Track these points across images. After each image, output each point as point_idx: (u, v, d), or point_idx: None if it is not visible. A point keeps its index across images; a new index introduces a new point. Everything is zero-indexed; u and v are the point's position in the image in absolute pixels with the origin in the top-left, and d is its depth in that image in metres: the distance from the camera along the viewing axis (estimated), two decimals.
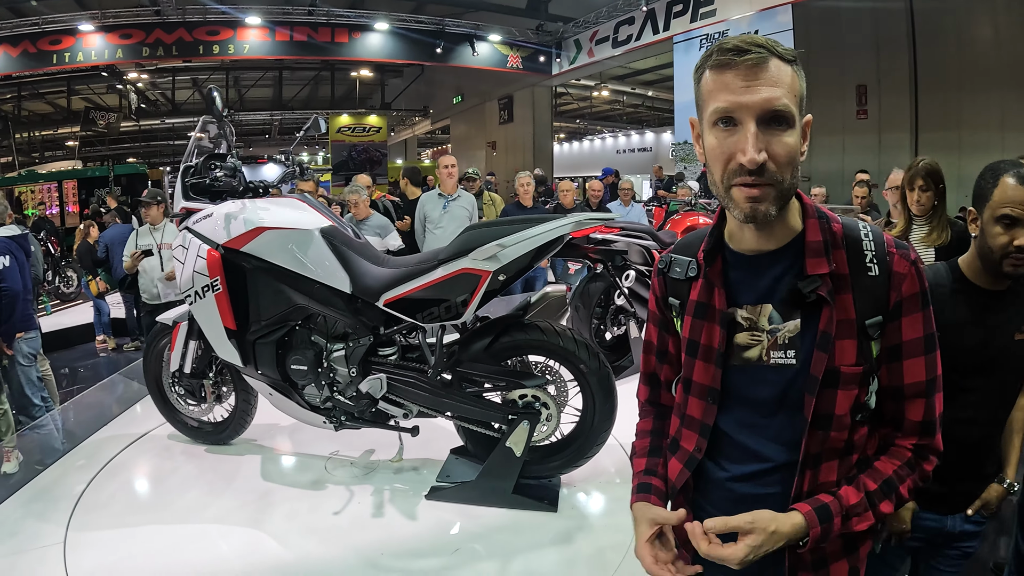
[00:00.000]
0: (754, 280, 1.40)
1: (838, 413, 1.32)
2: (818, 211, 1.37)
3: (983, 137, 12.21)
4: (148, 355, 4.35)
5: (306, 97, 31.94)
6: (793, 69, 1.26)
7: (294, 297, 3.57)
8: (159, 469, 4.10)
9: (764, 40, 1.26)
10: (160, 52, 18.44)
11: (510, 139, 26.18)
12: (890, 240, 1.36)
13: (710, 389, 1.44)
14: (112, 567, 3.07)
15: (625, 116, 35.99)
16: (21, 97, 27.18)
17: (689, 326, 1.48)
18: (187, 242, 3.77)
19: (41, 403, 5.64)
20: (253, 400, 4.18)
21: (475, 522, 3.38)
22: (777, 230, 1.35)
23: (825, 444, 1.34)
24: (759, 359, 1.39)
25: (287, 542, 3.27)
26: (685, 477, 1.51)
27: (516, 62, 21.90)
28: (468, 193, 7.42)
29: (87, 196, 20.55)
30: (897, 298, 1.33)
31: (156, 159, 36.52)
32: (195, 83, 30.02)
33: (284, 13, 18.93)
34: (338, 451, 4.16)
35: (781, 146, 1.25)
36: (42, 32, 17.20)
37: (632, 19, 18.57)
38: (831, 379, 1.31)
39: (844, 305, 1.32)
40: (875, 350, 1.35)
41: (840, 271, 1.32)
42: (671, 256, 1.55)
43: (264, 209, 3.62)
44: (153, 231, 6.82)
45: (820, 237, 1.34)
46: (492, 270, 3.21)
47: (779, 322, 1.36)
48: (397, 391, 3.55)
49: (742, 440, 1.43)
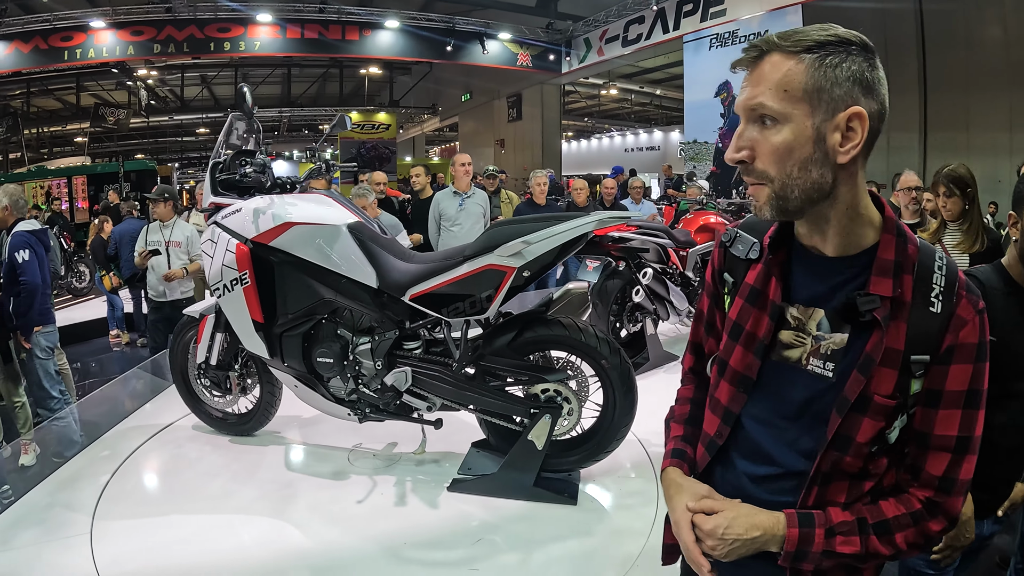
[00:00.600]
0: (813, 281, 1.35)
1: (858, 440, 1.27)
2: (899, 228, 1.29)
3: (992, 138, 12.21)
4: (174, 347, 4.40)
5: (314, 94, 32.00)
6: (799, 61, 1.18)
7: (321, 291, 3.62)
8: (183, 460, 4.13)
9: (780, 35, 1.23)
10: (171, 49, 18.54)
11: (518, 137, 26.23)
12: (963, 281, 1.27)
13: (743, 377, 1.41)
14: (138, 556, 3.10)
15: (633, 114, 36.01)
16: (30, 93, 27.28)
17: (739, 309, 1.44)
18: (216, 236, 3.82)
19: (59, 396, 5.70)
20: (277, 392, 4.23)
21: (496, 514, 3.41)
22: (831, 235, 1.29)
23: (838, 465, 1.30)
24: (798, 361, 1.35)
25: (310, 532, 3.30)
26: (707, 461, 1.50)
27: (526, 60, 21.96)
28: (482, 191, 7.46)
29: (97, 192, 20.63)
30: (951, 343, 1.24)
31: (165, 155, 36.68)
32: (204, 80, 30.13)
33: (295, 11, 19.00)
34: (360, 444, 4.18)
35: (765, 144, 1.22)
36: (53, 28, 17.31)
37: (642, 18, 18.62)
38: (861, 404, 1.26)
39: (896, 333, 1.24)
40: (914, 387, 1.26)
41: (902, 297, 1.25)
42: (736, 231, 1.50)
43: (292, 205, 3.67)
44: (163, 228, 6.81)
45: (893, 256, 1.26)
46: (517, 266, 3.25)
47: (827, 331, 1.31)
48: (421, 384, 3.59)
49: (757, 439, 1.41)
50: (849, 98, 1.18)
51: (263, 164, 3.98)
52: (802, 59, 1.18)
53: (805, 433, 1.34)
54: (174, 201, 6.95)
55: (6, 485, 4.14)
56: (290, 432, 4.44)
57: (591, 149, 36.64)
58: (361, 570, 3.04)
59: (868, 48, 1.21)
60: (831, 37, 1.19)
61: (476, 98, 28.42)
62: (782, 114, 1.19)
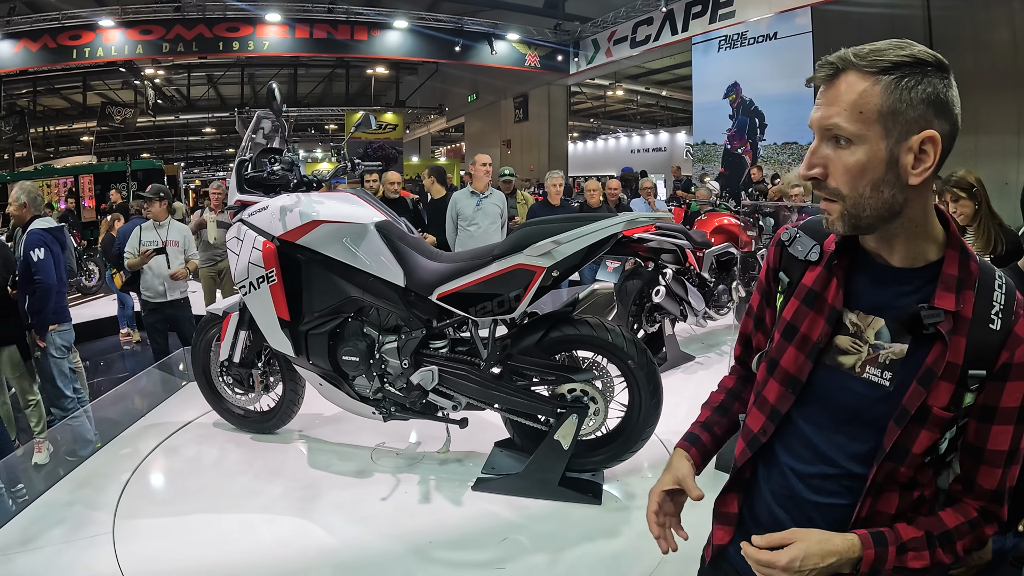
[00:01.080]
0: (876, 289, 1.35)
1: (915, 451, 1.28)
2: (962, 246, 1.30)
3: (1000, 142, 12.16)
4: (197, 344, 4.42)
5: (321, 94, 32.06)
6: (876, 82, 1.18)
7: (348, 289, 3.62)
8: (203, 458, 4.13)
9: (852, 51, 1.22)
10: (180, 48, 18.55)
11: (525, 137, 26.23)
12: (1021, 300, 1.29)
13: (793, 378, 1.42)
14: (162, 555, 3.10)
15: (639, 116, 36.00)
16: (37, 92, 27.34)
17: (794, 310, 1.44)
18: (242, 234, 3.83)
19: (73, 395, 5.69)
20: (300, 390, 4.24)
21: (521, 513, 3.41)
22: (897, 248, 1.31)
23: (892, 476, 1.31)
24: (852, 368, 1.35)
25: (334, 531, 3.30)
26: (746, 457, 1.51)
27: (534, 61, 21.96)
28: (499, 191, 7.47)
29: (104, 191, 20.64)
30: (1008, 360, 1.25)
31: (171, 155, 36.74)
32: (210, 80, 30.17)
33: (304, 11, 19.02)
34: (384, 443, 4.18)
35: (837, 163, 1.24)
36: (62, 27, 17.33)
37: (651, 19, 18.62)
38: (921, 416, 1.26)
39: (956, 347, 1.25)
40: (967, 400, 1.27)
41: (964, 313, 1.25)
42: (797, 232, 1.50)
43: (319, 203, 3.67)
44: (157, 228, 6.74)
45: (957, 272, 1.27)
46: (546, 266, 3.25)
47: (886, 340, 1.32)
48: (448, 383, 3.59)
49: (810, 436, 1.41)
50: (923, 120, 1.19)
51: (291, 162, 3.98)
52: (878, 80, 1.19)
53: (853, 440, 1.35)
54: (168, 200, 6.91)
55: (20, 484, 4.13)
56: (312, 430, 4.44)
57: (597, 150, 36.64)
58: (386, 570, 3.03)
59: (943, 68, 1.21)
60: (907, 58, 1.19)
61: (483, 98, 28.44)
62: (856, 135, 1.21)
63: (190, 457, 4.18)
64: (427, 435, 4.20)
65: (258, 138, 4.13)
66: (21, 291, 5.37)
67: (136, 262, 6.52)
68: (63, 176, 21.39)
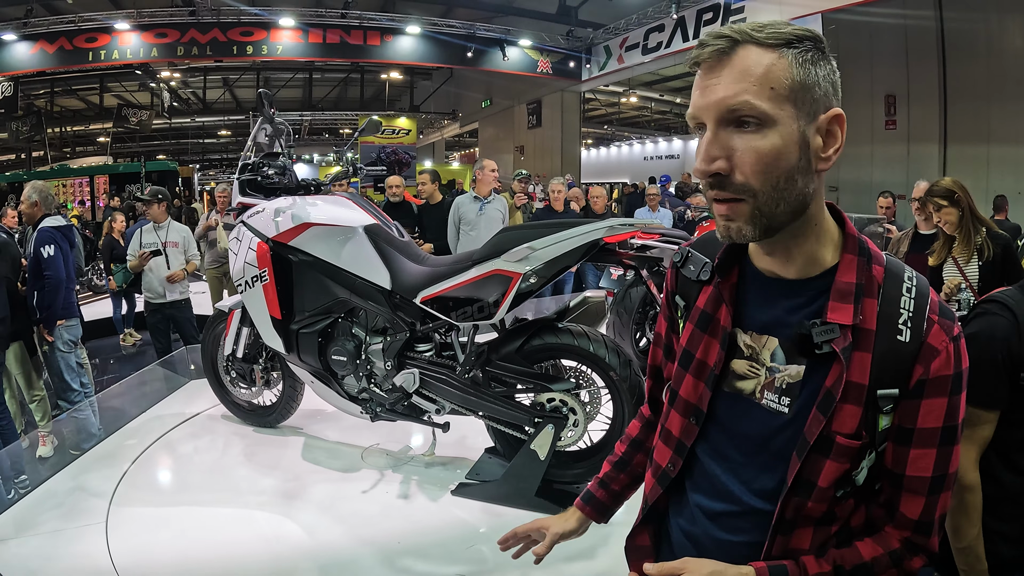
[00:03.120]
0: (766, 306, 1.21)
1: (821, 484, 1.13)
2: (861, 246, 1.16)
3: (1012, 150, 12.12)
4: (206, 338, 4.58)
5: (335, 98, 32.20)
6: (781, 55, 1.04)
7: (336, 290, 3.68)
8: (201, 452, 4.23)
9: (746, 25, 1.06)
10: (194, 52, 18.66)
11: (538, 143, 26.22)
12: (935, 304, 1.13)
13: (695, 408, 1.29)
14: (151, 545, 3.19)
15: (653, 122, 35.98)
16: (54, 93, 27.62)
17: (688, 335, 1.32)
18: (241, 235, 3.96)
19: (80, 388, 5.78)
20: (300, 386, 4.32)
21: (495, 521, 3.35)
22: (796, 256, 1.16)
23: (801, 511, 1.16)
24: (752, 393, 1.22)
25: (308, 527, 3.34)
26: (657, 494, 1.39)
27: (546, 67, 21.98)
28: (501, 196, 7.48)
29: (118, 191, 20.85)
30: (922, 376, 1.10)
31: (186, 156, 36.99)
32: (226, 83, 30.38)
33: (317, 15, 19.13)
34: (378, 443, 4.23)
35: (748, 151, 1.05)
36: (78, 29, 17.46)
37: (662, 26, 18.59)
38: (823, 446, 1.12)
39: (859, 366, 1.10)
40: (882, 423, 1.12)
41: (865, 325, 1.11)
42: (688, 251, 1.36)
43: (312, 205, 3.77)
44: (157, 229, 6.85)
45: (853, 279, 1.13)
46: (523, 272, 3.21)
47: (781, 362, 1.18)
48: (429, 387, 3.59)
49: (715, 472, 1.28)
50: (828, 99, 1.08)
51: (283, 167, 4.08)
52: (783, 54, 1.05)
53: (763, 471, 1.21)
54: (167, 202, 7.02)
55: (24, 475, 4.22)
56: (311, 426, 4.52)
57: (610, 157, 36.62)
58: (347, 570, 3.06)
59: (827, 48, 1.10)
60: (804, 32, 1.07)
61: (496, 104, 28.44)
62: (770, 116, 1.04)
63: (187, 451, 4.27)
64: (423, 438, 4.22)
65: (260, 141, 4.23)
66: (30, 287, 5.47)
67: (135, 264, 6.64)
68: (79, 176, 21.62)
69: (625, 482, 1.63)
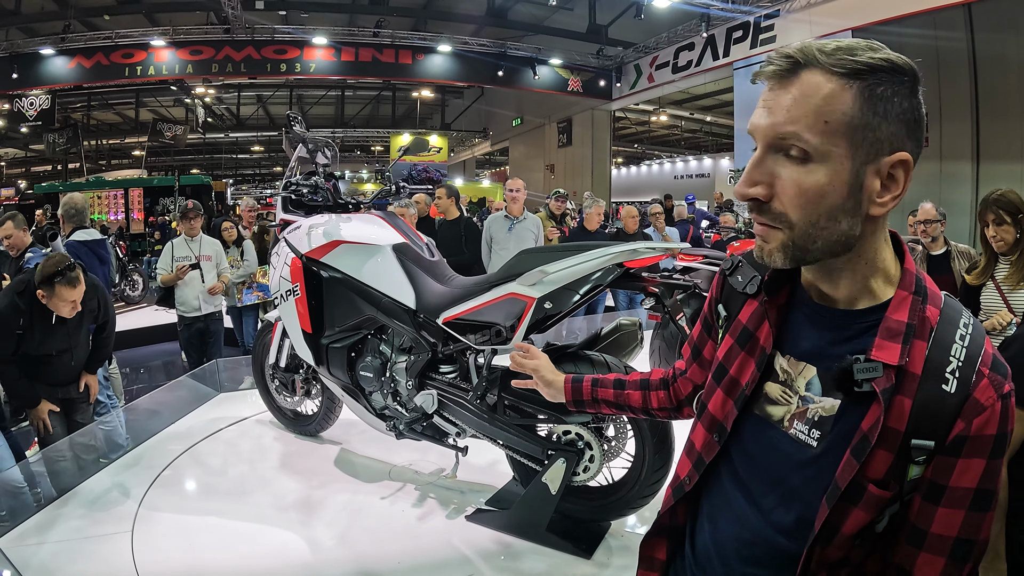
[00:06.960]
0: (811, 332, 1.14)
1: (844, 531, 1.06)
2: (918, 284, 1.08)
3: None
4: (257, 346, 4.72)
5: (367, 116, 32.49)
6: (846, 86, 0.97)
7: (364, 307, 3.68)
8: (227, 464, 4.27)
9: (818, 45, 1.00)
10: (229, 69, 19.01)
11: (568, 162, 26.27)
12: (988, 356, 1.03)
13: (720, 425, 1.23)
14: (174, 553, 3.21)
15: (683, 141, 35.93)
16: (91, 106, 28.16)
17: (726, 349, 1.26)
18: (280, 250, 4.05)
19: (106, 400, 5.81)
20: (337, 398, 4.29)
21: (502, 551, 3.22)
22: (842, 286, 1.10)
23: (819, 556, 1.08)
24: (780, 420, 1.15)
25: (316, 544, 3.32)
26: (669, 504, 1.34)
27: (576, 86, 22.09)
28: (534, 215, 7.44)
29: (152, 204, 21.11)
30: (963, 431, 1.00)
31: (219, 171, 37.44)
32: (259, 99, 30.81)
33: (350, 34, 19.37)
34: (410, 463, 4.18)
35: (790, 183, 1.00)
36: (115, 45, 17.85)
37: (692, 45, 18.64)
38: (853, 493, 1.03)
39: (898, 411, 1.01)
40: (912, 472, 1.03)
41: (911, 368, 1.02)
42: (739, 259, 1.30)
43: (345, 223, 3.81)
44: (189, 243, 6.84)
45: (905, 318, 1.04)
46: (536, 297, 3.04)
47: (817, 392, 1.11)
48: (447, 409, 3.53)
49: (731, 494, 1.22)
50: (896, 140, 0.99)
51: (315, 185, 4.12)
52: (849, 85, 0.97)
53: (781, 504, 1.13)
54: (201, 217, 7.05)
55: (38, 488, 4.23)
56: (350, 439, 4.54)
57: (641, 175, 36.59)
58: None
59: (918, 80, 1.01)
60: (883, 62, 0.98)
61: (527, 122, 28.57)
62: (819, 151, 0.98)
63: (216, 463, 4.29)
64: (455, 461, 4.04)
65: (303, 156, 4.29)
66: None
67: (170, 278, 6.62)
68: (113, 188, 21.89)
69: (611, 397, 1.67)
